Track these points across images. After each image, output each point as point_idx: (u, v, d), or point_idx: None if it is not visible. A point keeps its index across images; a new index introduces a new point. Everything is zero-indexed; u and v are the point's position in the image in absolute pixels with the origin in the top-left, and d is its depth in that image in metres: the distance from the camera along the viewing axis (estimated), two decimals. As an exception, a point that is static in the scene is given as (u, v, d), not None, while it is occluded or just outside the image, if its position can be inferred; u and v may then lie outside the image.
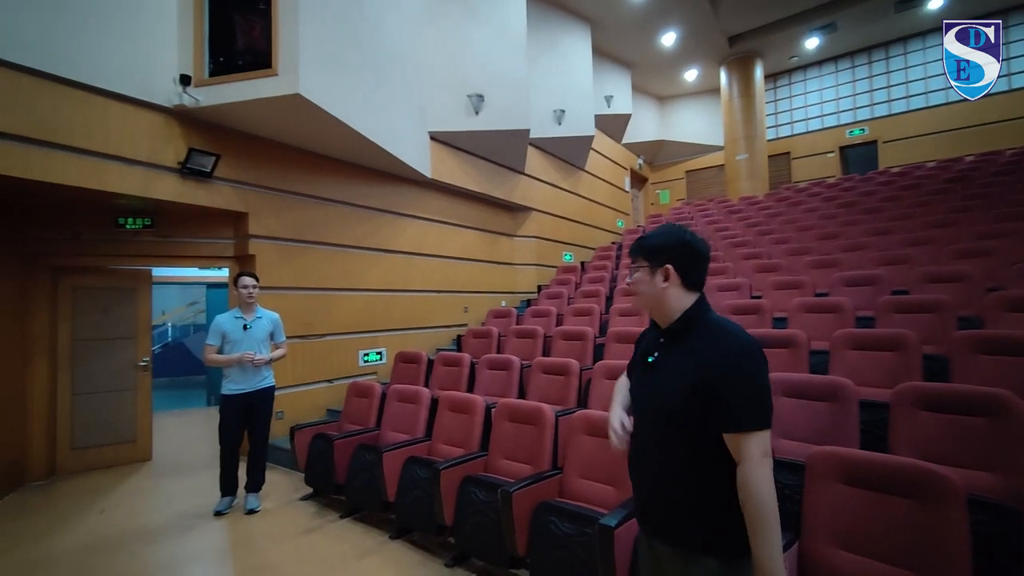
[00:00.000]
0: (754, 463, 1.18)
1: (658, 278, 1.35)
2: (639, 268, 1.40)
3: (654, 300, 1.37)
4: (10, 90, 3.45)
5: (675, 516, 1.32)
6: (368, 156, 5.53)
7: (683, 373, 1.29)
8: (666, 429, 1.32)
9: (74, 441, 4.57)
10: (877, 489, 1.79)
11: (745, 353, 1.23)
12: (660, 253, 1.36)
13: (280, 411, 4.87)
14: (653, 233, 1.41)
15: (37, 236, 4.36)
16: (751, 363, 1.23)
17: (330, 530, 3.37)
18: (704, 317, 1.34)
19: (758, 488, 1.16)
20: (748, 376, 1.22)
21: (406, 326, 6.27)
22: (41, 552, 3.13)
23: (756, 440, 1.19)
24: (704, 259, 1.37)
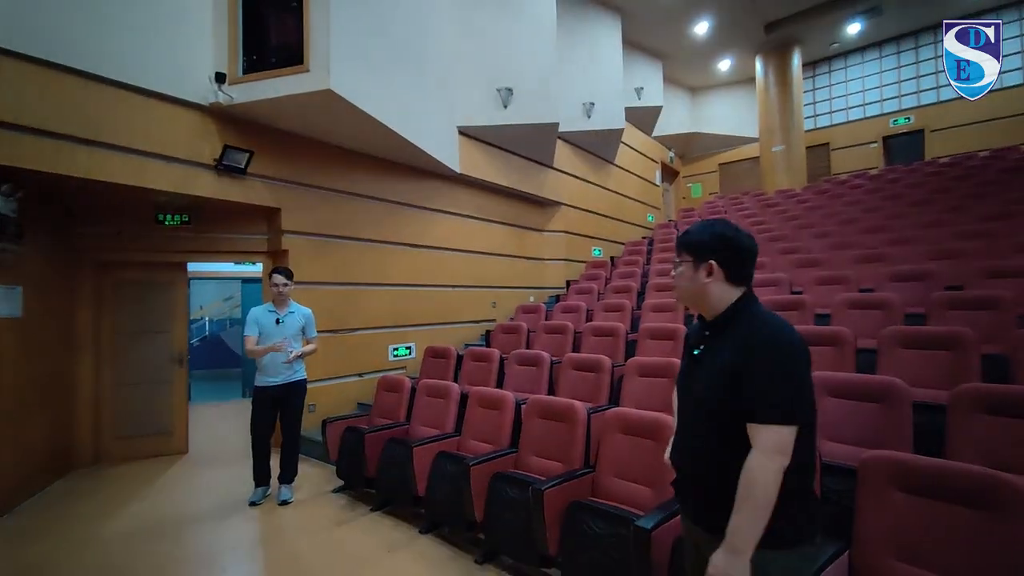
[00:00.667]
0: (763, 454, 1.16)
1: (701, 273, 1.35)
2: (683, 263, 1.40)
3: (696, 294, 1.37)
4: (58, 91, 3.58)
5: (712, 504, 1.29)
6: (398, 151, 5.55)
7: (722, 363, 1.29)
8: (705, 418, 1.32)
9: (117, 430, 4.74)
10: (940, 498, 1.67)
11: (778, 344, 1.22)
12: (704, 248, 1.36)
13: (312, 404, 4.94)
14: (697, 228, 1.40)
15: (82, 232, 4.52)
16: (782, 354, 1.20)
17: (361, 523, 3.39)
18: (749, 310, 1.33)
19: (753, 475, 1.16)
20: (775, 366, 1.19)
21: (435, 321, 6.29)
22: (90, 535, 3.25)
23: (771, 433, 1.16)
24: (750, 254, 1.36)
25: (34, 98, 3.49)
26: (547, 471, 2.80)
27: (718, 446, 1.28)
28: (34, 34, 3.45)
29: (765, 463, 1.15)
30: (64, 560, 2.94)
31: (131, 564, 2.89)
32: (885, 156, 11.33)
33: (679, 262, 1.42)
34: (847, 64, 11.77)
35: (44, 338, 4.08)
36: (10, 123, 3.40)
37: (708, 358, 1.35)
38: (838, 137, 11.91)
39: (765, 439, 1.17)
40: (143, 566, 2.87)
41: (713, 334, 1.37)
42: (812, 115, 12.13)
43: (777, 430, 1.16)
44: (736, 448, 1.22)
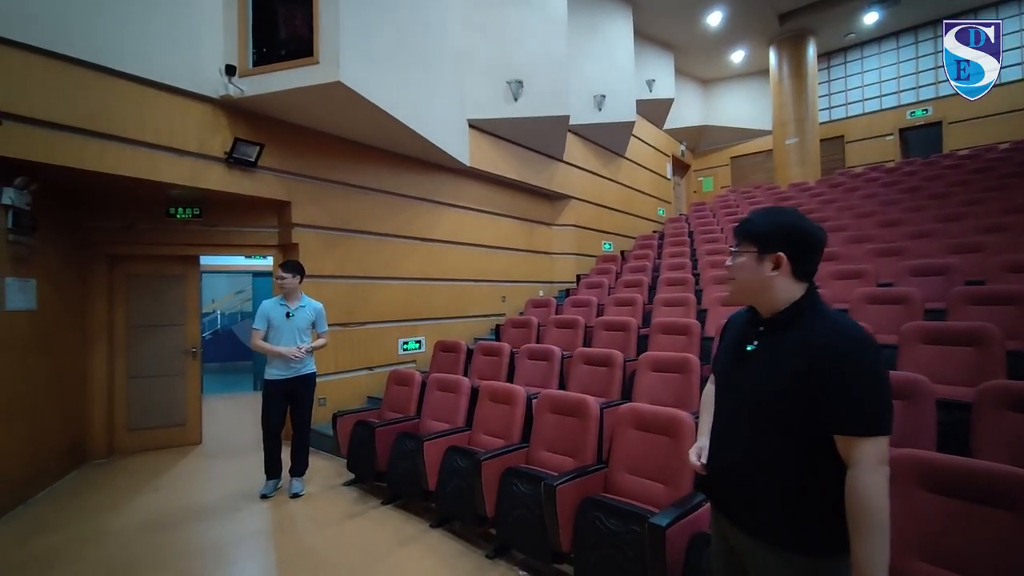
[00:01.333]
0: (866, 469, 1.07)
1: (766, 265, 1.25)
2: (744, 253, 1.29)
3: (758, 288, 1.27)
4: (69, 83, 3.58)
5: (760, 508, 1.22)
6: (407, 144, 5.51)
7: (786, 361, 1.19)
8: (761, 418, 1.22)
9: (130, 422, 4.78)
10: (966, 498, 1.62)
11: (859, 346, 1.12)
12: (771, 239, 1.25)
13: (322, 398, 4.95)
14: (762, 216, 1.30)
15: (95, 226, 4.54)
16: (865, 358, 1.11)
17: (372, 516, 3.39)
18: (816, 308, 1.23)
19: (867, 495, 1.07)
20: (861, 373, 1.10)
21: (445, 315, 6.27)
22: (105, 526, 3.28)
23: (871, 446, 1.08)
24: (819, 247, 1.26)
25: (46, 91, 3.49)
26: (559, 466, 2.77)
27: (772, 448, 1.21)
28: (45, 26, 3.45)
29: (875, 479, 1.07)
30: (78, 551, 2.96)
31: (144, 555, 2.91)
32: (902, 149, 11.12)
33: (738, 251, 1.30)
34: (863, 55, 11.54)
35: (58, 331, 4.11)
36: (23, 116, 3.41)
37: (765, 357, 1.25)
38: (853, 129, 11.70)
39: (867, 452, 1.08)
40: (156, 557, 2.89)
41: (770, 331, 1.28)
42: (827, 107, 11.92)
43: (876, 441, 1.08)
44: (790, 451, 1.18)
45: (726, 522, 1.34)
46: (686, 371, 3.22)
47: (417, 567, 2.75)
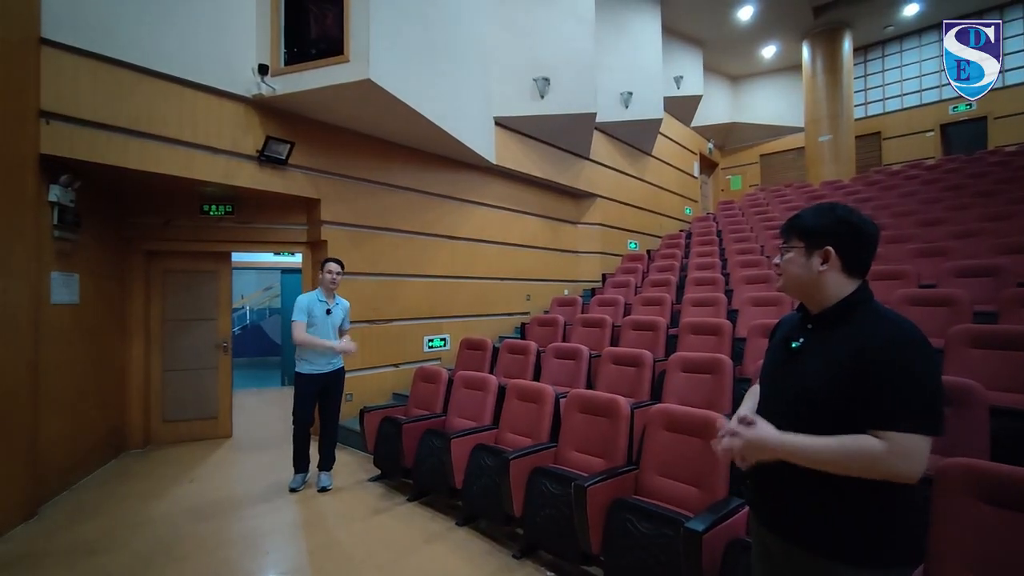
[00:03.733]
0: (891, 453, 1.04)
1: (815, 260, 1.23)
2: (792, 249, 1.28)
3: (808, 284, 1.25)
4: (111, 84, 3.69)
5: (804, 514, 1.19)
6: (434, 142, 5.53)
7: (835, 359, 1.16)
8: (808, 417, 1.18)
9: (165, 414, 4.91)
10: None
11: (911, 343, 1.09)
12: (819, 233, 1.23)
13: (349, 393, 4.99)
14: (812, 211, 1.27)
15: (133, 222, 4.67)
16: (917, 355, 1.08)
17: (398, 513, 3.40)
18: (868, 305, 1.20)
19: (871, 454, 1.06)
20: (911, 370, 1.07)
21: (470, 313, 6.27)
22: (145, 513, 3.38)
23: (907, 440, 1.04)
24: (872, 242, 1.23)
25: (92, 92, 3.61)
26: (588, 467, 2.74)
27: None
28: (89, 29, 3.57)
29: (887, 457, 1.04)
30: (118, 537, 3.05)
31: (179, 543, 2.98)
32: (943, 145, 10.69)
33: (787, 248, 1.29)
34: (902, 48, 11.13)
35: (99, 324, 4.24)
36: (68, 116, 3.53)
37: (815, 354, 1.22)
38: (891, 125, 11.30)
39: (899, 442, 1.05)
40: (193, 545, 2.95)
41: (819, 328, 1.25)
42: (863, 103, 11.54)
43: (913, 439, 1.04)
44: None
45: (764, 528, 1.31)
46: (718, 372, 3.14)
47: (443, 565, 2.75)
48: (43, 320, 3.49)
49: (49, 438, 3.55)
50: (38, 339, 3.42)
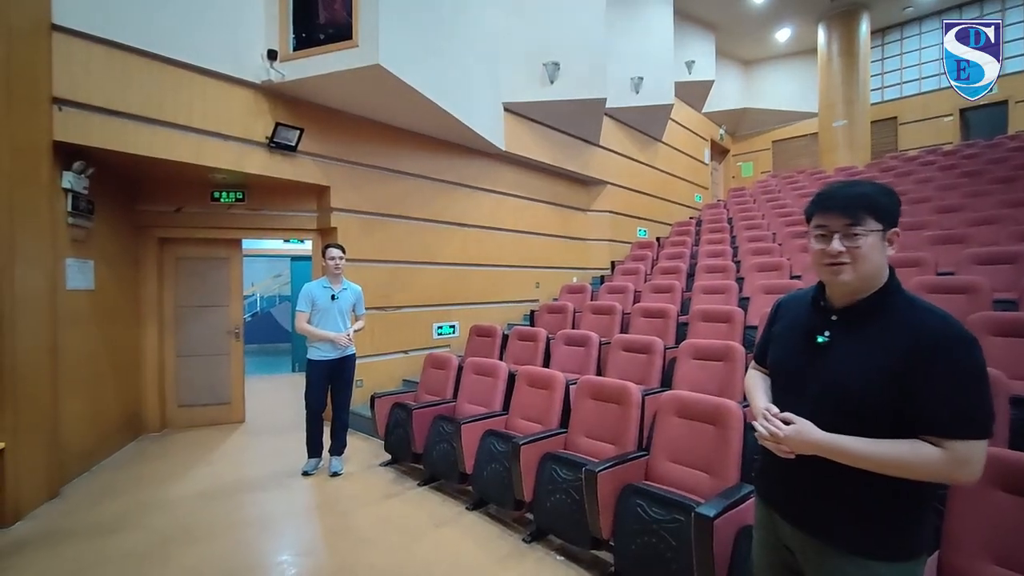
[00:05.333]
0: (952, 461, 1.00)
1: (886, 245, 1.13)
2: (870, 233, 1.10)
3: (876, 272, 1.12)
4: (123, 70, 3.69)
5: (836, 512, 1.15)
6: (444, 128, 5.50)
7: (872, 357, 1.09)
8: (844, 416, 1.11)
9: (180, 399, 4.98)
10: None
11: (963, 341, 1.03)
12: (893, 213, 1.12)
13: (360, 379, 5.04)
14: (874, 188, 1.14)
15: (146, 209, 4.70)
16: (967, 353, 1.02)
17: (409, 497, 3.44)
18: (903, 294, 1.13)
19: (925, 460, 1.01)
20: (966, 371, 1.01)
21: (479, 300, 6.28)
22: (162, 495, 3.45)
23: (966, 448, 1.00)
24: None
25: (104, 79, 3.62)
26: (599, 453, 2.74)
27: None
28: (99, 14, 3.56)
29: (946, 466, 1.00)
30: (137, 517, 3.12)
31: (198, 524, 3.04)
32: (962, 130, 10.45)
33: (860, 232, 1.10)
34: (922, 30, 10.83)
35: (114, 310, 4.30)
36: (80, 102, 3.54)
37: (848, 349, 1.14)
38: (908, 110, 11.05)
39: (959, 450, 0.99)
40: (210, 526, 3.01)
41: (850, 320, 1.16)
42: (879, 87, 11.28)
43: (972, 445, 1.00)
44: None
45: (783, 520, 1.26)
46: (729, 359, 3.13)
47: (454, 548, 2.78)
48: (60, 306, 3.54)
49: (69, 421, 3.62)
50: (55, 324, 3.47)
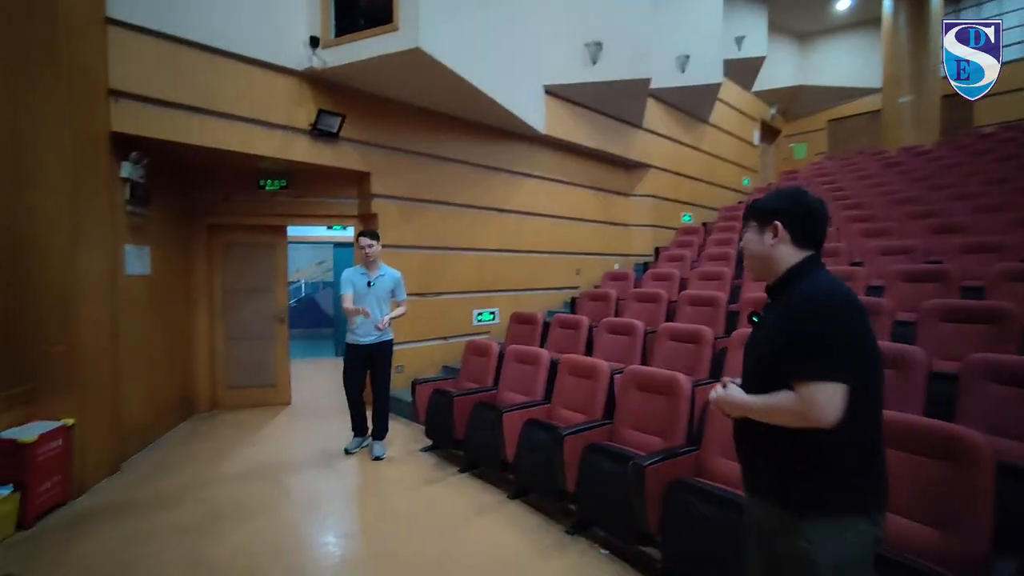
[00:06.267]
0: (800, 400, 1.15)
1: (767, 235, 1.33)
2: (748, 229, 1.41)
3: (764, 258, 1.35)
4: (174, 62, 3.77)
5: (757, 465, 1.35)
6: (484, 112, 5.42)
7: (776, 326, 1.28)
8: (757, 378, 1.29)
9: (229, 381, 5.17)
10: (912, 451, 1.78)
11: (824, 302, 1.19)
12: (768, 211, 1.35)
13: (400, 365, 5.09)
14: (764, 196, 1.41)
15: (196, 197, 4.85)
16: (827, 310, 1.18)
17: (450, 483, 3.44)
18: (807, 272, 1.28)
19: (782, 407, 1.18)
20: (812, 322, 1.18)
21: (518, 287, 6.22)
22: (213, 472, 3.58)
23: (811, 388, 1.14)
24: (818, 215, 1.32)
25: (157, 70, 3.71)
26: (645, 446, 2.64)
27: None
28: (150, 6, 3.64)
29: (798, 406, 1.15)
30: (191, 493, 3.25)
31: (245, 501, 3.13)
32: (1046, 104, 9.56)
33: (745, 228, 1.42)
34: (1001, -5, 9.93)
35: (167, 294, 4.47)
36: (135, 94, 3.64)
37: (766, 323, 1.35)
38: (983, 83, 10.17)
39: (804, 391, 1.14)
40: (258, 503, 3.10)
41: (772, 298, 1.37)
42: (950, 59, 10.42)
43: (816, 386, 1.13)
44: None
45: (756, 496, 1.38)
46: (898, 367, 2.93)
47: (496, 538, 2.75)
48: (118, 290, 3.69)
49: (129, 401, 3.80)
50: (115, 309, 3.62)
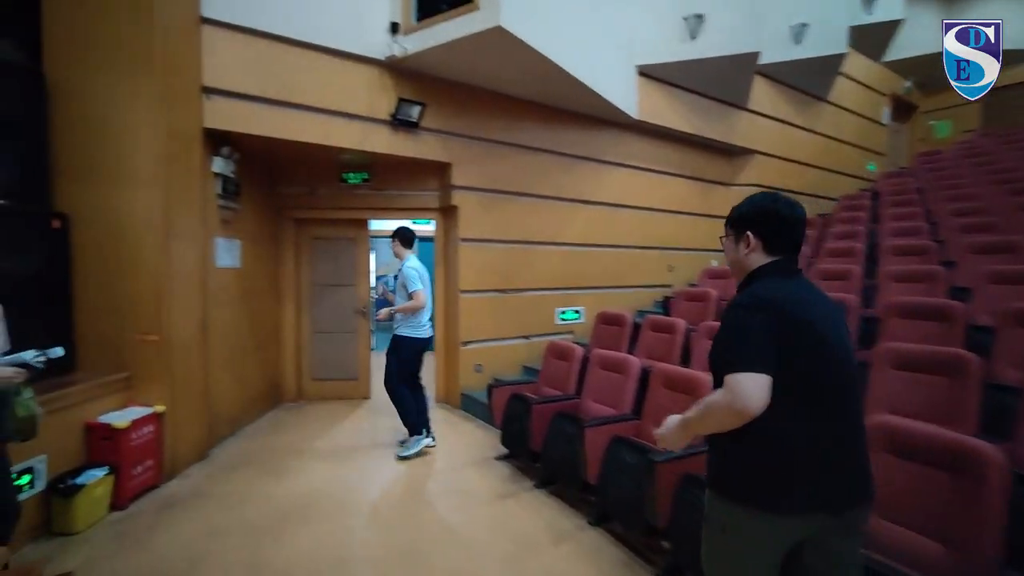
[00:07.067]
0: (722, 391, 1.22)
1: (741, 246, 1.39)
2: (727, 238, 1.46)
3: (739, 266, 1.42)
4: (260, 57, 3.81)
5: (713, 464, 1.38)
6: (570, 97, 5.04)
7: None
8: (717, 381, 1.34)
9: (314, 372, 5.26)
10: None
11: (734, 305, 1.30)
12: (740, 222, 1.40)
13: (479, 364, 4.90)
14: (740, 204, 1.44)
15: (284, 192, 4.96)
16: (733, 313, 1.30)
17: (523, 500, 3.13)
18: (757, 278, 1.35)
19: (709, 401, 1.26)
20: (724, 324, 1.31)
21: (605, 284, 5.78)
22: (288, 468, 3.57)
23: (728, 379, 1.21)
24: (790, 223, 1.35)
25: (242, 65, 3.76)
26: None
27: None
28: (243, 5, 3.70)
29: (719, 395, 1.23)
30: (264, 489, 3.24)
31: (313, 503, 3.06)
32: None
33: (723, 236, 1.49)
34: None
35: (256, 287, 4.59)
36: (226, 90, 3.71)
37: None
38: None
39: (729, 381, 1.20)
40: (322, 508, 3.00)
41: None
42: None
43: (730, 377, 1.20)
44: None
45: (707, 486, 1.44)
46: (957, 374, 2.27)
47: (573, 572, 2.41)
48: (210, 282, 3.79)
49: (218, 390, 3.92)
50: (206, 299, 3.72)
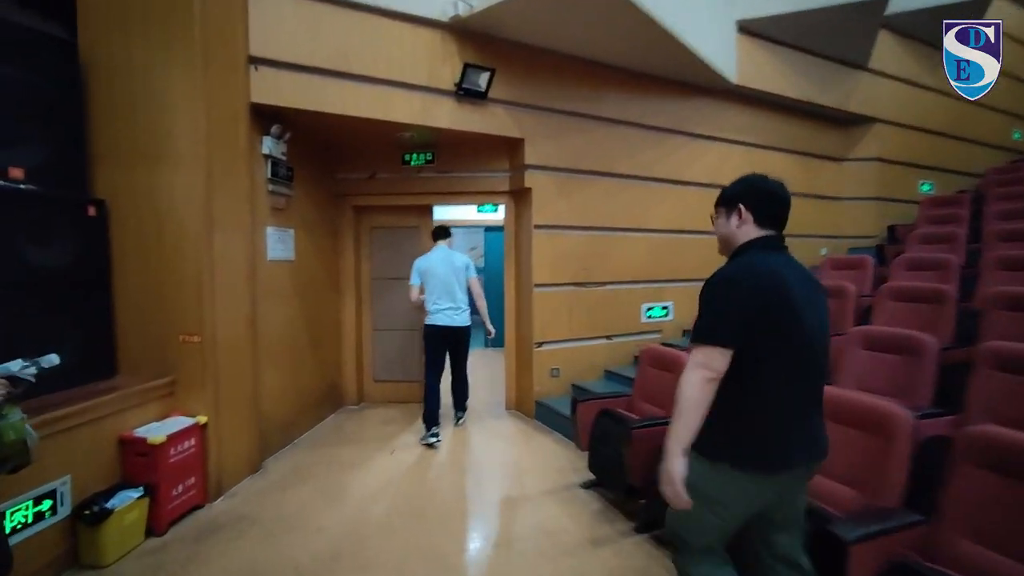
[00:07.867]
0: (688, 368, 1.36)
1: (733, 219, 1.52)
2: (718, 216, 1.58)
3: (728, 239, 1.54)
4: (309, 21, 3.40)
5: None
6: (657, 58, 4.30)
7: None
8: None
9: (376, 374, 4.86)
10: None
11: (712, 281, 1.42)
12: (732, 197, 1.53)
13: (556, 368, 4.32)
14: (731, 184, 1.56)
15: (343, 177, 4.55)
16: (709, 289, 1.41)
17: (622, 549, 2.48)
18: (743, 252, 1.48)
19: (680, 386, 1.37)
20: (702, 300, 1.42)
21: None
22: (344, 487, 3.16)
23: (695, 352, 1.37)
24: (779, 198, 1.49)
25: (291, 31, 3.35)
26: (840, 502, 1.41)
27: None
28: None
29: (687, 374, 1.36)
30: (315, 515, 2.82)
31: (368, 537, 2.59)
32: None
33: (715, 215, 1.60)
34: None
35: (313, 281, 4.21)
36: (273, 60, 3.31)
37: None
38: None
39: (691, 356, 1.37)
40: (378, 545, 2.52)
41: None
42: None
43: (701, 350, 1.36)
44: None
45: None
46: None
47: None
48: (260, 276, 3.43)
49: (270, 395, 3.56)
50: (255, 295, 3.35)
